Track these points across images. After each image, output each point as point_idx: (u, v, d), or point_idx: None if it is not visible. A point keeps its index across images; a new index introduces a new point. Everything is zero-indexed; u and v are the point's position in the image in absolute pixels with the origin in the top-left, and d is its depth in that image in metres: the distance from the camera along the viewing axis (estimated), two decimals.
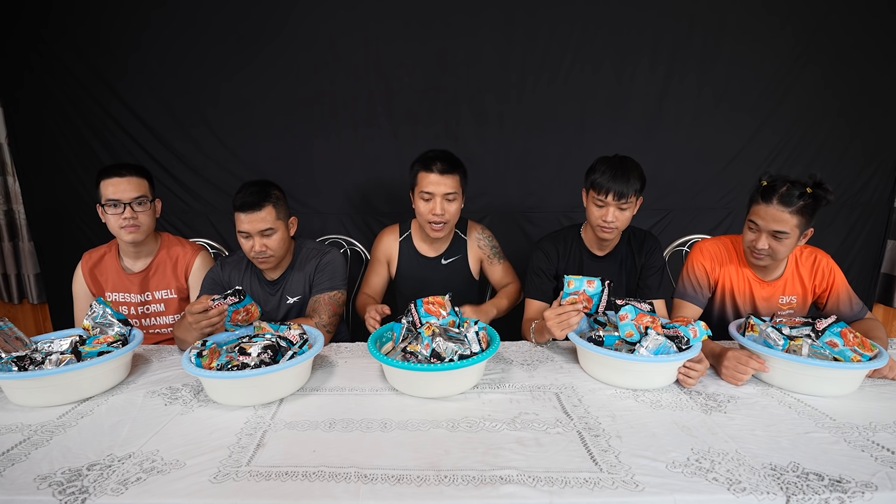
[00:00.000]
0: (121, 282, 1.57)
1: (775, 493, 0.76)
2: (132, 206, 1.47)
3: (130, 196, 1.47)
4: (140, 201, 1.49)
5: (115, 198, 1.46)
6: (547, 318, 1.23)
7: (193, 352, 1.11)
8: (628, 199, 1.37)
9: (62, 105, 2.17)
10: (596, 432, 0.95)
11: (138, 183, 1.50)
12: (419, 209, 1.56)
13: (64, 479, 0.81)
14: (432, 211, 1.52)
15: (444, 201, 1.52)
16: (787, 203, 1.26)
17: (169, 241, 1.64)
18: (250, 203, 1.39)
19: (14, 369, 1.07)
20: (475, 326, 1.16)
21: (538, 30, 2.11)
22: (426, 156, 1.54)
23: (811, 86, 2.20)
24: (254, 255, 1.43)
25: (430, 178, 1.50)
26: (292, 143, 2.21)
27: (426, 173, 1.51)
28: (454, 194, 1.52)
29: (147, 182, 1.53)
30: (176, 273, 1.59)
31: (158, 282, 1.59)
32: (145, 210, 1.51)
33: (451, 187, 1.51)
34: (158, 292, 1.59)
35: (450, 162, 1.52)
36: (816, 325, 1.22)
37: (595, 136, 2.21)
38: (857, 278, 2.42)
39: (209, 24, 2.09)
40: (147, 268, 1.58)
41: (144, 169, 1.56)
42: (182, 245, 1.64)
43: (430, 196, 1.51)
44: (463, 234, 1.71)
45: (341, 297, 1.53)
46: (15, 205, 2.29)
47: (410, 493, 0.77)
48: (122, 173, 1.48)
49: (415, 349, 1.09)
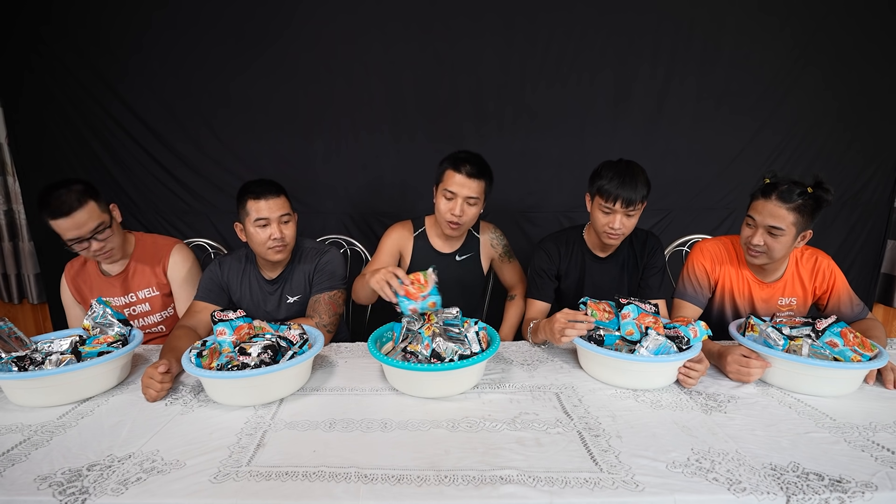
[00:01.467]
0: (103, 287, 1.56)
1: (775, 493, 0.76)
2: (93, 239, 1.41)
3: (88, 230, 1.39)
4: (99, 230, 1.41)
5: (75, 237, 1.38)
6: (556, 318, 1.22)
7: (193, 352, 1.11)
8: (636, 206, 1.36)
9: (62, 105, 2.17)
10: (596, 432, 0.95)
11: (89, 214, 1.38)
12: (439, 206, 1.55)
13: (64, 480, 0.81)
14: (451, 210, 1.51)
15: (465, 204, 1.51)
16: (786, 199, 1.26)
17: (142, 240, 1.61)
18: (270, 190, 1.42)
19: (14, 369, 1.07)
20: (475, 326, 1.16)
21: (538, 33, 2.11)
22: (457, 156, 1.52)
23: (811, 87, 2.21)
24: (271, 243, 1.42)
25: (457, 179, 1.49)
26: (293, 143, 2.21)
27: (454, 172, 1.50)
28: (476, 199, 1.52)
29: (96, 206, 1.40)
30: (154, 270, 1.57)
31: (139, 281, 1.57)
32: (107, 236, 1.44)
33: (474, 191, 1.50)
34: (141, 292, 1.57)
35: (479, 167, 1.51)
36: (816, 325, 1.22)
37: (595, 137, 2.21)
38: (857, 278, 2.42)
39: (210, 26, 2.09)
40: (125, 269, 1.56)
41: (88, 190, 1.41)
42: (155, 241, 1.61)
43: (453, 196, 1.50)
44: (476, 233, 1.72)
45: (341, 297, 1.53)
46: (15, 205, 2.29)
47: (410, 493, 0.77)
48: (70, 211, 1.35)
49: (415, 349, 1.09)
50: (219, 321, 1.19)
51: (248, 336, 1.17)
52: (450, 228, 1.56)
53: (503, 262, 1.75)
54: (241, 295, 1.53)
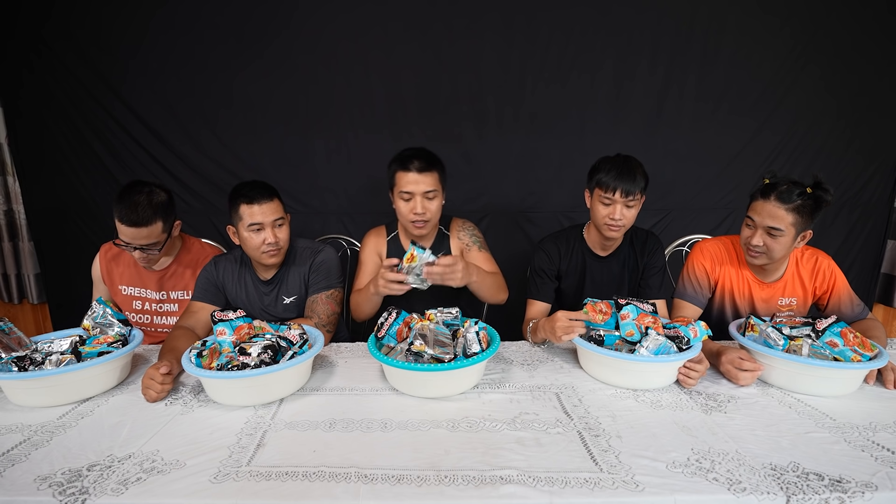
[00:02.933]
0: (139, 277, 1.57)
1: (775, 493, 0.76)
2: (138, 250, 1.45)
3: (140, 244, 1.43)
4: (149, 247, 1.45)
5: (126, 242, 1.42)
6: (558, 317, 1.23)
7: (193, 352, 1.11)
8: (634, 196, 1.38)
9: (63, 106, 2.17)
10: (596, 432, 0.95)
11: (149, 233, 1.42)
12: (400, 209, 1.51)
13: (64, 480, 0.81)
14: (413, 210, 1.47)
15: (425, 200, 1.47)
16: (785, 200, 1.27)
17: (190, 243, 1.64)
18: (263, 194, 1.41)
19: (14, 369, 1.07)
20: (475, 326, 1.16)
21: (538, 32, 2.11)
22: (402, 155, 1.49)
23: (811, 87, 2.21)
24: (266, 247, 1.41)
25: (409, 178, 1.45)
26: (293, 143, 2.22)
27: (404, 172, 1.46)
28: (434, 192, 1.48)
29: (161, 226, 1.45)
30: (195, 275, 1.57)
31: (176, 282, 1.59)
32: (153, 253, 1.48)
33: (430, 185, 1.46)
34: (175, 293, 1.59)
35: (427, 159, 1.47)
36: (817, 325, 1.22)
37: (595, 136, 2.21)
38: (857, 278, 2.42)
39: (211, 26, 2.09)
40: (166, 268, 1.58)
41: (162, 208, 1.45)
42: (203, 248, 1.65)
43: (410, 196, 1.47)
44: (446, 231, 1.67)
45: (339, 295, 1.53)
46: (15, 205, 2.29)
47: (410, 493, 0.77)
48: (134, 225, 1.39)
49: (420, 349, 1.09)
50: (219, 321, 1.19)
51: (248, 336, 1.17)
52: (416, 228, 1.51)
53: (469, 250, 1.64)
54: (236, 296, 1.52)
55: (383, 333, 1.20)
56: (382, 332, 1.20)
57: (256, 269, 1.54)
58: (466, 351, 1.11)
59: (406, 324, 1.22)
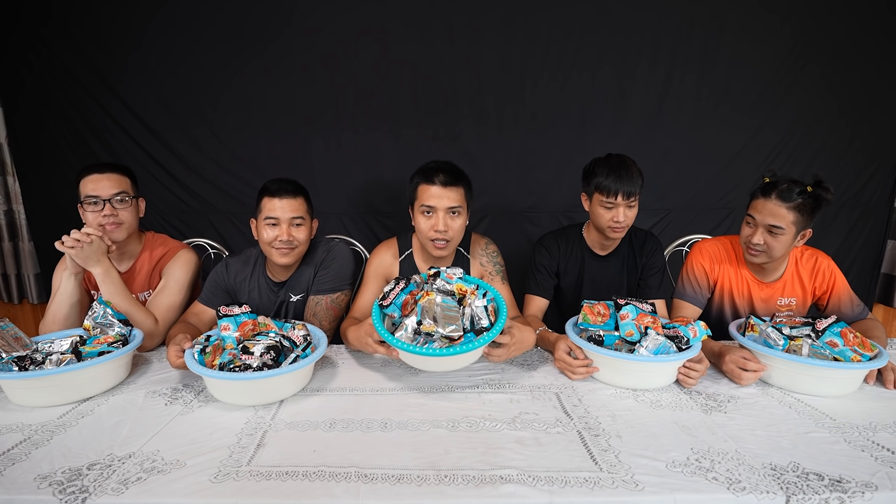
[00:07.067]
0: None
1: (775, 493, 0.76)
2: (112, 202, 1.43)
3: (110, 192, 1.42)
4: (121, 198, 1.44)
5: (95, 194, 1.41)
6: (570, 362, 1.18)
7: (197, 348, 1.11)
8: (635, 195, 1.39)
9: (62, 105, 2.17)
10: (596, 432, 0.95)
11: (118, 180, 1.45)
12: (419, 226, 1.39)
13: (64, 479, 0.81)
14: (434, 227, 1.35)
15: (448, 216, 1.36)
16: (785, 198, 1.27)
17: (152, 241, 1.58)
18: (287, 189, 1.39)
19: (14, 369, 1.07)
20: (483, 299, 1.13)
21: (538, 32, 2.11)
22: (427, 167, 1.38)
23: (811, 86, 2.20)
24: (277, 244, 1.37)
25: (432, 191, 1.34)
26: (293, 143, 2.21)
27: (427, 185, 1.35)
28: (458, 208, 1.37)
29: (129, 180, 1.49)
30: (160, 274, 1.54)
31: (141, 283, 1.55)
32: (126, 207, 1.45)
33: (454, 201, 1.35)
34: (141, 294, 1.55)
35: (454, 173, 1.37)
36: (816, 325, 1.22)
37: (595, 136, 2.21)
38: (857, 278, 2.42)
39: (210, 25, 2.09)
40: (130, 269, 1.54)
41: (127, 168, 1.52)
42: (165, 244, 1.58)
43: (432, 210, 1.35)
44: (466, 252, 1.53)
45: (345, 300, 1.49)
46: (15, 205, 2.29)
47: (410, 493, 0.77)
48: (103, 170, 1.44)
49: (430, 329, 1.07)
50: (224, 316, 1.19)
51: (251, 333, 1.17)
52: (436, 248, 1.39)
53: (492, 279, 1.51)
54: (248, 298, 1.49)
55: (388, 302, 1.16)
56: (388, 300, 1.16)
57: (271, 269, 1.50)
58: (475, 324, 1.11)
59: (412, 295, 1.18)
